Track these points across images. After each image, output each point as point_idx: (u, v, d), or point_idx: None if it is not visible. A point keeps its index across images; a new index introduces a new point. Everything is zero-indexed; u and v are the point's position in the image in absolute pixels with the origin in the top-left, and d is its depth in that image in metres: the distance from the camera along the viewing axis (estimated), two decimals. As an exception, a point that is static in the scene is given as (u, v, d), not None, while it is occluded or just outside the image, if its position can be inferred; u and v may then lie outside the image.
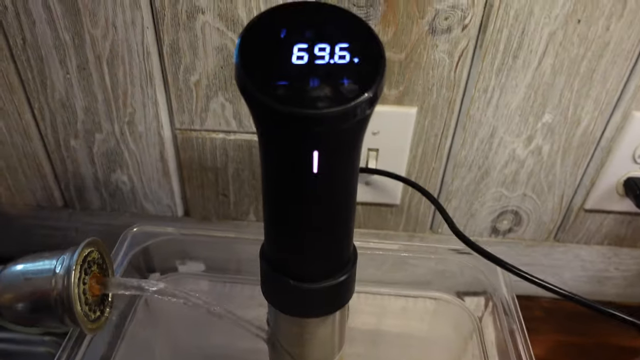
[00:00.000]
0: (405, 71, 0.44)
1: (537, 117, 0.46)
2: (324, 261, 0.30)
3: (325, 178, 0.26)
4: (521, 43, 0.42)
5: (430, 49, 0.43)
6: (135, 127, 0.49)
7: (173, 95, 0.47)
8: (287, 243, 0.30)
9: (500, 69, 0.43)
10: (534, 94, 0.45)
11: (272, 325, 0.35)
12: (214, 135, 0.49)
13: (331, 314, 0.33)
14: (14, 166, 0.54)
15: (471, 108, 0.46)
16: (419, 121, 0.47)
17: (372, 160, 0.49)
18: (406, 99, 0.46)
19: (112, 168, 0.53)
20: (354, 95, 0.24)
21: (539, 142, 0.48)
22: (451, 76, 0.44)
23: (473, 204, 0.53)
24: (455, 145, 0.49)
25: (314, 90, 0.24)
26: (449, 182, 0.51)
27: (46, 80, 0.47)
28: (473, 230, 0.55)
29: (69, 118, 0.49)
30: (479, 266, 0.40)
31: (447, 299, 0.43)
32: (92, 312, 0.31)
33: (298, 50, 0.25)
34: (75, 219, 0.58)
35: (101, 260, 0.33)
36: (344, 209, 0.29)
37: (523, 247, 0.56)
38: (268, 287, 0.32)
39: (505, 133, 0.47)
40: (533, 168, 0.50)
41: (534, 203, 0.52)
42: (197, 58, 0.44)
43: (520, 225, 0.54)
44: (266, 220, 0.30)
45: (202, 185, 0.53)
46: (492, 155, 0.49)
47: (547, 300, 0.60)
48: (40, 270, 0.30)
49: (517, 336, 0.33)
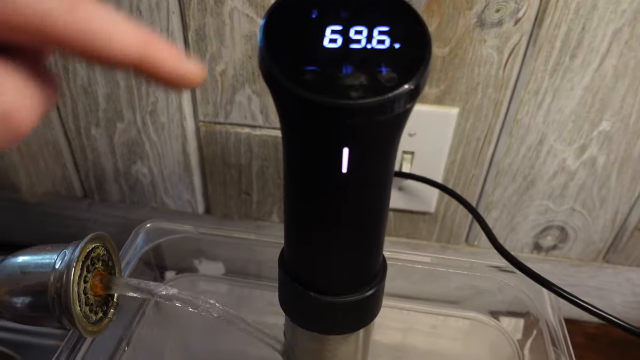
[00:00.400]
0: (448, 68, 0.40)
1: (593, 124, 0.42)
2: (350, 273, 0.27)
3: (355, 179, 0.23)
4: (581, 40, 0.38)
5: (477, 43, 0.39)
6: (157, 117, 0.47)
7: (198, 85, 0.44)
8: (309, 251, 0.26)
9: (555, 69, 0.39)
10: (592, 99, 0.40)
11: (288, 338, 0.32)
12: (238, 129, 0.47)
13: (355, 331, 0.29)
14: (34, 153, 0.52)
15: (519, 111, 0.42)
16: (460, 123, 0.43)
17: (407, 163, 0.46)
18: (447, 98, 0.42)
19: (133, 159, 0.51)
20: (392, 86, 0.21)
21: (594, 152, 0.43)
22: (499, 75, 0.40)
23: (515, 216, 0.48)
24: (499, 151, 0.44)
25: (347, 77, 0.21)
26: (489, 191, 0.47)
27: (68, 66, 0.45)
28: (513, 245, 0.50)
29: (91, 105, 0.47)
30: (520, 285, 0.36)
31: (482, 319, 0.39)
32: (94, 314, 0.29)
33: (331, 32, 0.22)
34: (93, 210, 0.56)
35: (107, 257, 0.30)
36: (375, 215, 0.25)
37: (567, 267, 0.51)
38: (286, 298, 0.29)
39: (556, 141, 0.43)
40: (585, 181, 0.45)
41: (584, 219, 0.48)
42: (223, 46, 0.42)
43: (566, 243, 0.50)
44: (287, 224, 0.27)
45: (225, 182, 0.51)
46: (539, 165, 0.45)
47: (592, 325, 0.55)
48: (40, 264, 0.27)
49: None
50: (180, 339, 0.42)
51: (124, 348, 0.34)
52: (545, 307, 0.33)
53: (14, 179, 0.55)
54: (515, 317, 0.38)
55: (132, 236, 0.37)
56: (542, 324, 0.33)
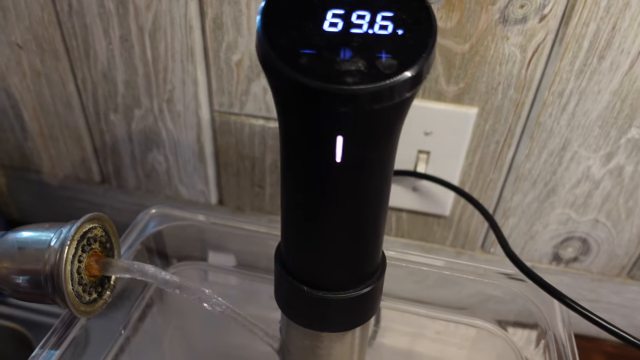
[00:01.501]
0: (467, 65, 0.39)
1: (621, 131, 0.39)
2: (345, 268, 0.26)
3: (350, 171, 0.22)
4: (610, 41, 0.36)
5: (499, 41, 0.37)
6: (173, 105, 0.47)
7: (213, 74, 0.44)
8: (304, 244, 0.26)
9: (581, 70, 0.37)
10: (620, 103, 0.38)
11: (283, 334, 0.31)
12: (253, 120, 0.46)
13: (350, 329, 0.28)
14: (56, 136, 0.53)
15: (542, 114, 0.40)
16: (479, 124, 0.42)
17: (422, 163, 0.44)
18: (466, 97, 0.40)
19: (149, 147, 0.51)
20: (391, 72, 0.20)
21: (621, 161, 0.41)
22: (521, 75, 0.38)
23: (534, 224, 0.46)
24: (519, 155, 0.43)
25: (344, 62, 0.20)
26: (507, 197, 0.45)
27: (90, 50, 0.46)
28: (531, 254, 0.48)
29: (110, 91, 0.48)
30: (532, 296, 0.35)
31: (490, 328, 0.38)
32: (87, 294, 0.29)
33: (332, 16, 0.21)
34: (110, 196, 0.57)
35: (105, 239, 0.30)
36: (372, 209, 0.24)
37: (589, 281, 0.49)
38: (280, 293, 0.28)
39: (581, 147, 0.41)
40: (610, 191, 0.43)
41: (607, 232, 0.45)
42: (240, 36, 0.41)
43: (587, 255, 0.47)
44: (282, 215, 0.26)
45: (238, 173, 0.50)
46: (561, 171, 0.42)
47: (611, 344, 0.52)
48: (37, 241, 0.27)
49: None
50: (181, 328, 0.42)
51: (121, 331, 0.34)
52: (555, 319, 0.32)
53: (36, 161, 0.56)
54: (523, 328, 0.36)
55: (135, 221, 0.37)
56: (550, 336, 0.31)
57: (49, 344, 0.30)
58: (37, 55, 0.48)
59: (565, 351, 0.30)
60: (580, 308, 0.30)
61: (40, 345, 0.29)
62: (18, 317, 0.53)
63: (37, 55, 0.48)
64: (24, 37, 0.47)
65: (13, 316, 0.53)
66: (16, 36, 0.47)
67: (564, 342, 0.30)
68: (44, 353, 0.29)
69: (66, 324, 0.30)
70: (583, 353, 0.52)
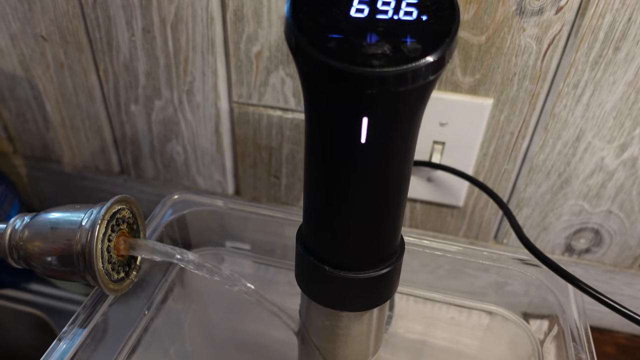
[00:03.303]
0: (484, 57, 0.39)
1: (635, 122, 0.40)
2: (365, 248, 0.27)
3: (375, 152, 0.23)
4: (626, 32, 0.36)
5: (515, 32, 0.38)
6: (193, 96, 0.48)
7: (233, 66, 0.45)
8: (326, 223, 0.26)
9: (596, 61, 0.38)
10: (635, 95, 0.39)
11: (303, 316, 0.32)
12: (271, 111, 0.47)
13: (369, 309, 0.29)
14: (77, 126, 0.55)
15: (557, 105, 0.40)
16: (494, 115, 0.42)
17: (437, 154, 0.45)
18: (482, 88, 0.41)
19: (168, 137, 0.52)
20: (415, 56, 0.21)
21: (635, 152, 0.41)
22: (537, 66, 0.39)
23: (547, 215, 0.47)
24: (534, 146, 0.43)
25: (370, 46, 0.21)
26: (521, 187, 0.46)
27: (112, 42, 0.47)
28: (544, 245, 0.49)
29: (131, 82, 0.49)
30: (547, 283, 0.35)
31: (504, 314, 0.38)
32: (115, 272, 0.30)
33: (358, 2, 0.22)
34: (129, 186, 0.58)
35: (132, 221, 0.31)
36: (394, 191, 0.25)
37: (601, 272, 0.49)
38: (301, 272, 0.29)
39: (595, 138, 0.41)
40: (624, 182, 0.43)
41: (620, 223, 0.46)
42: (260, 27, 0.42)
43: (600, 247, 0.48)
44: (305, 195, 0.27)
45: (255, 164, 0.51)
46: (575, 162, 0.43)
47: (624, 336, 0.53)
48: (68, 221, 0.28)
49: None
50: (201, 312, 0.43)
51: (144, 312, 0.35)
52: (570, 305, 0.32)
53: (57, 151, 0.58)
54: (538, 313, 0.37)
55: (159, 206, 0.38)
56: (564, 322, 0.31)
57: (77, 322, 0.31)
58: (60, 47, 0.49)
59: (580, 336, 0.30)
60: (593, 292, 0.30)
61: (69, 323, 0.31)
62: (39, 303, 0.55)
63: (61, 47, 0.49)
64: (48, 29, 0.48)
65: (34, 302, 0.55)
66: (41, 28, 0.48)
67: (578, 327, 0.31)
68: (73, 330, 0.30)
69: (93, 305, 0.31)
70: (596, 345, 0.52)
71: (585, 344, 0.29)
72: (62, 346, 0.28)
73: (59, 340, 0.29)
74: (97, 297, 0.31)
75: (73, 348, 0.28)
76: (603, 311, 0.52)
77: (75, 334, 0.30)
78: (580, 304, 0.32)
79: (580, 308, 0.32)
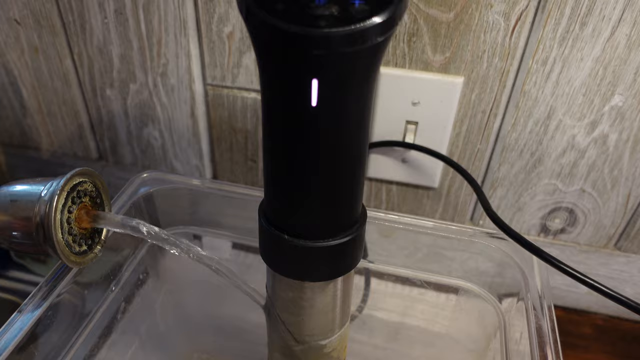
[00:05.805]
0: (453, 34, 0.40)
1: (604, 98, 0.40)
2: (322, 216, 0.27)
3: (327, 114, 0.23)
4: (592, 7, 0.36)
5: (483, 8, 0.38)
6: (167, 79, 0.48)
7: (206, 47, 0.45)
8: (282, 191, 0.26)
9: (564, 37, 0.38)
10: (603, 70, 0.39)
11: (268, 289, 0.32)
12: (245, 93, 0.47)
13: (332, 279, 0.29)
14: (54, 112, 0.54)
15: (526, 82, 0.41)
16: (465, 94, 0.42)
17: (410, 134, 0.45)
18: (452, 67, 0.41)
19: (145, 122, 0.52)
20: (363, 17, 0.21)
21: (605, 129, 0.42)
22: (505, 43, 0.39)
23: (522, 195, 0.47)
24: (505, 125, 0.43)
25: (318, 8, 0.21)
26: (495, 167, 0.46)
27: (85, 24, 0.47)
28: (520, 226, 0.49)
29: (106, 66, 0.49)
30: (515, 257, 0.35)
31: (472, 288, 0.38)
32: (77, 245, 0.29)
33: (308, -35, 0.22)
34: (107, 173, 0.58)
35: (95, 194, 0.31)
36: (349, 158, 0.25)
37: (576, 252, 0.49)
38: (264, 245, 0.29)
39: (565, 115, 0.42)
40: (595, 160, 0.43)
41: (594, 202, 0.46)
42: (231, 7, 0.42)
43: (575, 226, 0.48)
44: (264, 165, 0.27)
45: (231, 147, 0.51)
46: (547, 141, 0.43)
47: (601, 317, 0.53)
48: (28, 193, 0.28)
49: (547, 335, 0.28)
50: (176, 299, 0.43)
51: (112, 288, 0.35)
52: (534, 275, 0.32)
53: (35, 138, 0.57)
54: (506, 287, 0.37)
55: (126, 184, 0.38)
56: (527, 292, 0.31)
57: (38, 294, 0.31)
58: (34, 31, 0.49)
59: (542, 304, 0.30)
60: (557, 262, 0.30)
61: (30, 295, 0.30)
62: (16, 289, 0.55)
63: (35, 30, 0.49)
64: (21, 12, 0.48)
65: (11, 289, 0.55)
66: (14, 12, 0.48)
67: (540, 295, 0.31)
68: (34, 302, 0.30)
69: (55, 279, 0.31)
70: (574, 326, 0.53)
71: (547, 313, 0.29)
72: (22, 318, 0.28)
73: (19, 312, 0.29)
74: (60, 270, 0.31)
75: (33, 319, 0.28)
76: (580, 292, 0.52)
77: (35, 306, 0.30)
78: (545, 275, 0.32)
79: (544, 279, 0.32)
